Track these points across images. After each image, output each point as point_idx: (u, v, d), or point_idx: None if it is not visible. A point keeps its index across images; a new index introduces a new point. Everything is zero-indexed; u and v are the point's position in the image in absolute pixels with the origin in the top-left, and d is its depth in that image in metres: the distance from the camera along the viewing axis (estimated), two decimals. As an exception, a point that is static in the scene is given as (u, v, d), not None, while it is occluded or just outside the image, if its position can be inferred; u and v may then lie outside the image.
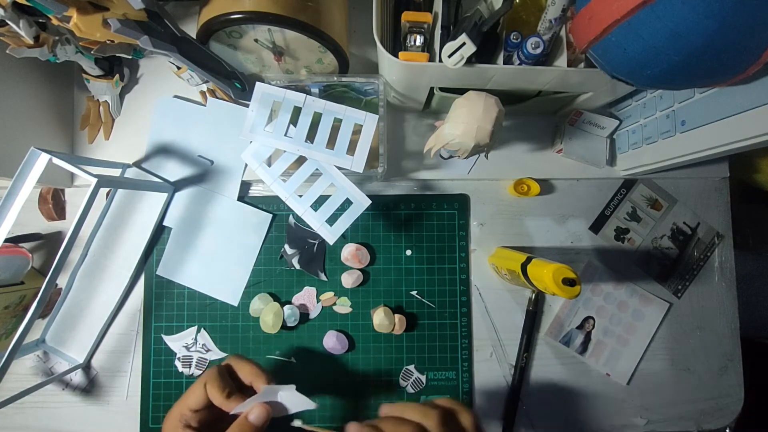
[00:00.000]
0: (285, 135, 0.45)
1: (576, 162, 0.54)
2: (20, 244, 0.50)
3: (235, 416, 0.35)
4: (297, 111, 0.45)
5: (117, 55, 0.45)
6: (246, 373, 0.38)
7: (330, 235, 0.45)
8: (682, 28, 0.28)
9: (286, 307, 0.52)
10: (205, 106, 0.53)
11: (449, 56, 0.38)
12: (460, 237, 0.54)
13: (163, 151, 0.53)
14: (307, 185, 0.46)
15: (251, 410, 0.34)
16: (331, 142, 0.45)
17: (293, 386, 0.35)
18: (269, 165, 0.46)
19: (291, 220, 0.54)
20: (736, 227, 0.56)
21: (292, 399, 0.35)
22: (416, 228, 0.54)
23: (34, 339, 0.51)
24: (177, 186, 0.53)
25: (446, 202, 0.55)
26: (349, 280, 0.52)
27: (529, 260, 0.44)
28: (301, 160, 0.46)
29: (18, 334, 0.38)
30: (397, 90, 0.47)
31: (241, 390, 0.37)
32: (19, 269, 0.49)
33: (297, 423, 0.35)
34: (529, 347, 0.53)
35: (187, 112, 0.53)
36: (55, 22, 0.35)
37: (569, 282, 0.39)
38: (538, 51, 0.40)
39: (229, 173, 0.53)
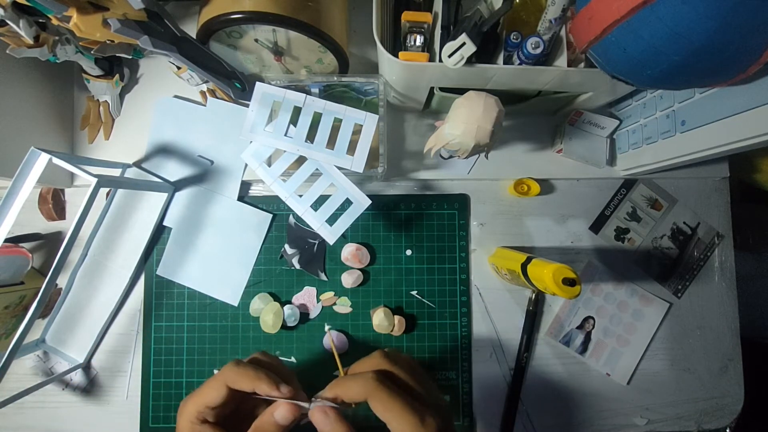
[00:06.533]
0: (285, 135, 0.45)
1: (576, 162, 0.54)
2: (20, 244, 0.50)
3: (250, 409, 0.33)
4: (297, 111, 0.45)
5: (117, 55, 0.45)
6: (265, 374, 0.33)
7: (330, 235, 0.45)
8: (682, 28, 0.28)
9: (286, 307, 0.52)
10: (205, 106, 0.53)
11: (449, 56, 0.38)
12: (460, 237, 0.54)
13: (163, 151, 0.53)
14: (307, 185, 0.46)
15: (277, 407, 0.30)
16: (331, 142, 0.45)
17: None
18: (269, 165, 0.46)
19: (291, 220, 0.54)
20: (736, 227, 0.56)
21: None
22: (416, 228, 0.54)
23: (34, 339, 0.51)
24: (177, 186, 0.53)
25: (446, 202, 0.55)
26: (349, 280, 0.52)
27: (529, 260, 0.44)
28: (301, 160, 0.46)
29: (18, 334, 0.38)
30: (397, 90, 0.47)
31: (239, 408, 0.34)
32: (19, 269, 0.49)
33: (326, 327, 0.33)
34: (529, 347, 0.53)
35: (187, 112, 0.53)
36: (55, 22, 0.35)
37: (569, 282, 0.39)
38: (538, 51, 0.40)
39: (229, 173, 0.53)
